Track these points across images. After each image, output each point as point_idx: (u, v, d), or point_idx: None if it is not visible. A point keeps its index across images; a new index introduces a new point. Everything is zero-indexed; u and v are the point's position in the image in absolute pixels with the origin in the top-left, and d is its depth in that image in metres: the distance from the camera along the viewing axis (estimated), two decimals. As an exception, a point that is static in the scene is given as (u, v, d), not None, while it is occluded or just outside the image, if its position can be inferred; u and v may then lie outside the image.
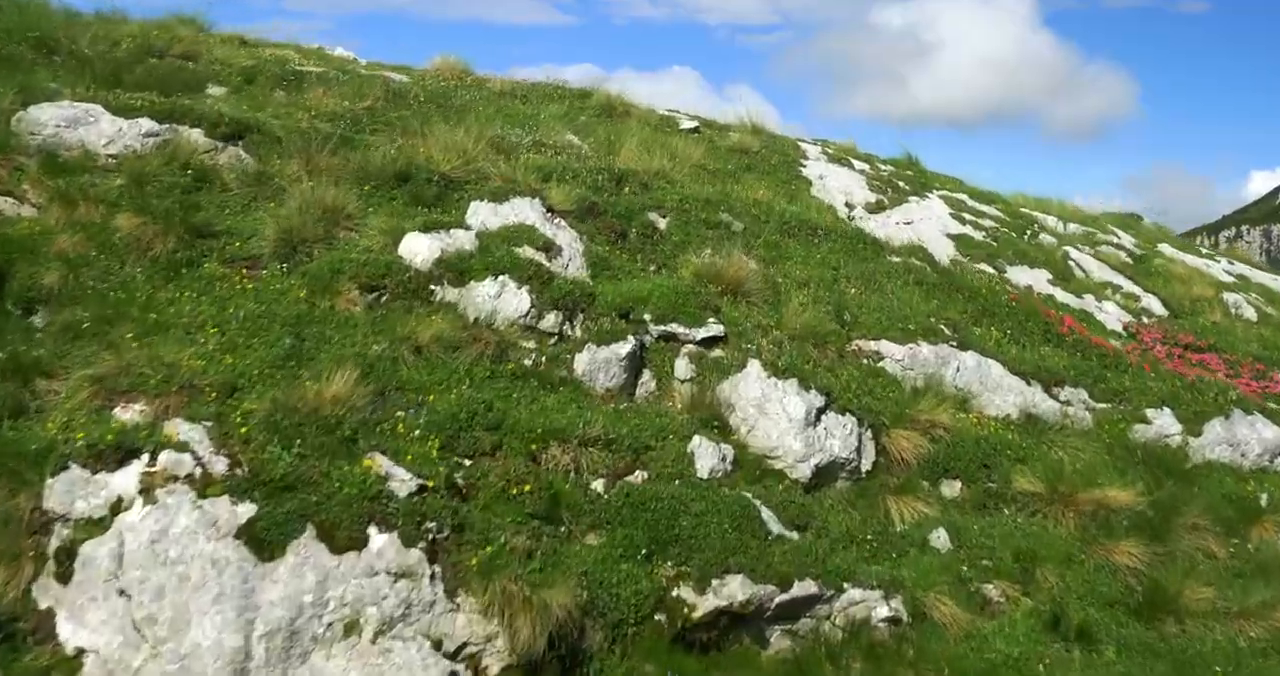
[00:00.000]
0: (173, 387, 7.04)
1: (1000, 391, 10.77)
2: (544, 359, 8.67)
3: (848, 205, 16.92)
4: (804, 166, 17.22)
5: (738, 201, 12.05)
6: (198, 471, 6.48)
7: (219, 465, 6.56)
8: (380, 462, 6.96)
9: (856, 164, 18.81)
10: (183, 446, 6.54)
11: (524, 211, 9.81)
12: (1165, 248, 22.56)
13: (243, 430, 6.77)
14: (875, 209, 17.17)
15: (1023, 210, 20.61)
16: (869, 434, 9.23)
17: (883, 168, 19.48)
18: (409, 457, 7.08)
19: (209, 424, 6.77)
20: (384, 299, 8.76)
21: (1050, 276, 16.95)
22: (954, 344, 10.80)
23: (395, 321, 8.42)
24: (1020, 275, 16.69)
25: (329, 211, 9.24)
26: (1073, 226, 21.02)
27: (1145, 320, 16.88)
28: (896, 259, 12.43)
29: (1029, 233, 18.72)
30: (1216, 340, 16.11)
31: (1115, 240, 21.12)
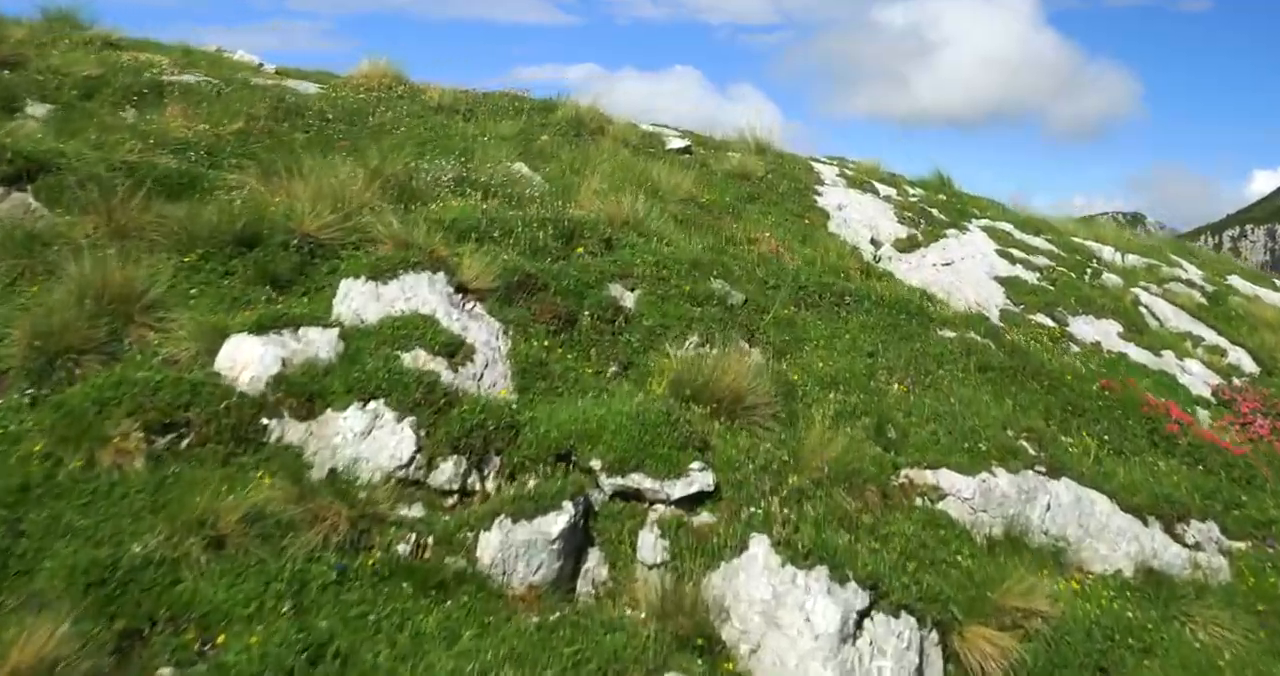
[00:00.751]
0: None
1: (1107, 537, 7.60)
2: (430, 540, 5.52)
3: (874, 243, 13.78)
4: (819, 194, 14.06)
5: (736, 259, 8.88)
6: None
7: None
8: None
9: (881, 188, 15.65)
10: None
11: (420, 293, 6.65)
12: (1236, 280, 19.38)
13: None
14: (907, 247, 14.02)
15: (1074, 239, 17.46)
16: (934, 637, 6.06)
17: (911, 192, 16.33)
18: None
19: None
20: (184, 444, 5.62)
21: (1121, 328, 13.87)
22: (1041, 469, 7.64)
23: (193, 486, 5.28)
24: (1085, 328, 13.60)
25: (118, 300, 6.11)
26: (1132, 258, 17.84)
27: (1236, 381, 13.75)
28: (950, 333, 9.25)
29: (1089, 271, 15.56)
30: (1326, 408, 12.97)
31: (1182, 274, 17.94)
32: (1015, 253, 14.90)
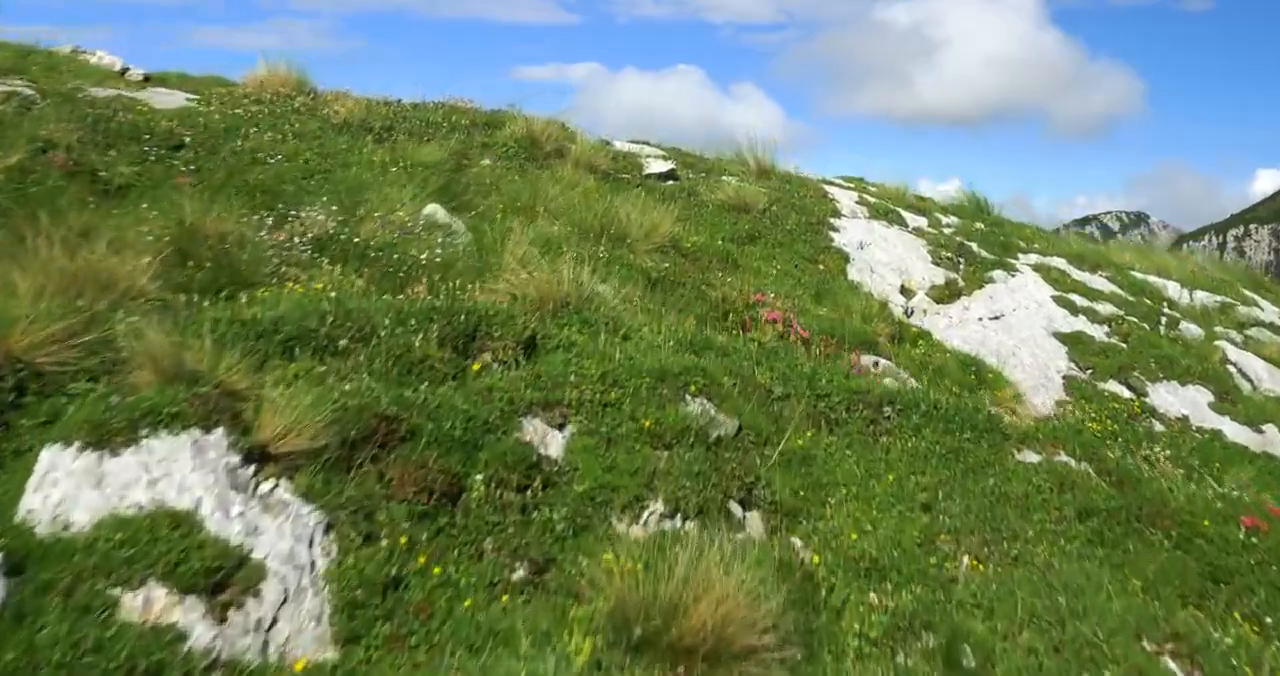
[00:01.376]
0: None
1: None
2: None
3: (904, 291, 11.02)
4: (835, 230, 11.29)
5: (725, 358, 6.09)
6: None
7: None
8: None
9: (909, 217, 12.88)
10: None
11: (179, 469, 3.90)
12: (1317, 319, 16.60)
13: None
14: (946, 296, 11.27)
15: (1135, 274, 14.67)
16: None
17: (944, 220, 13.56)
18: None
19: None
20: None
21: (1211, 396, 11.20)
22: (1200, 708, 4.89)
23: None
24: (1168, 397, 10.92)
25: None
26: (1201, 295, 15.06)
27: (1352, 463, 11.01)
28: (1032, 456, 6.49)
29: (1163, 319, 12.80)
30: None
31: (1262, 315, 15.14)
32: (1076, 299, 12.15)
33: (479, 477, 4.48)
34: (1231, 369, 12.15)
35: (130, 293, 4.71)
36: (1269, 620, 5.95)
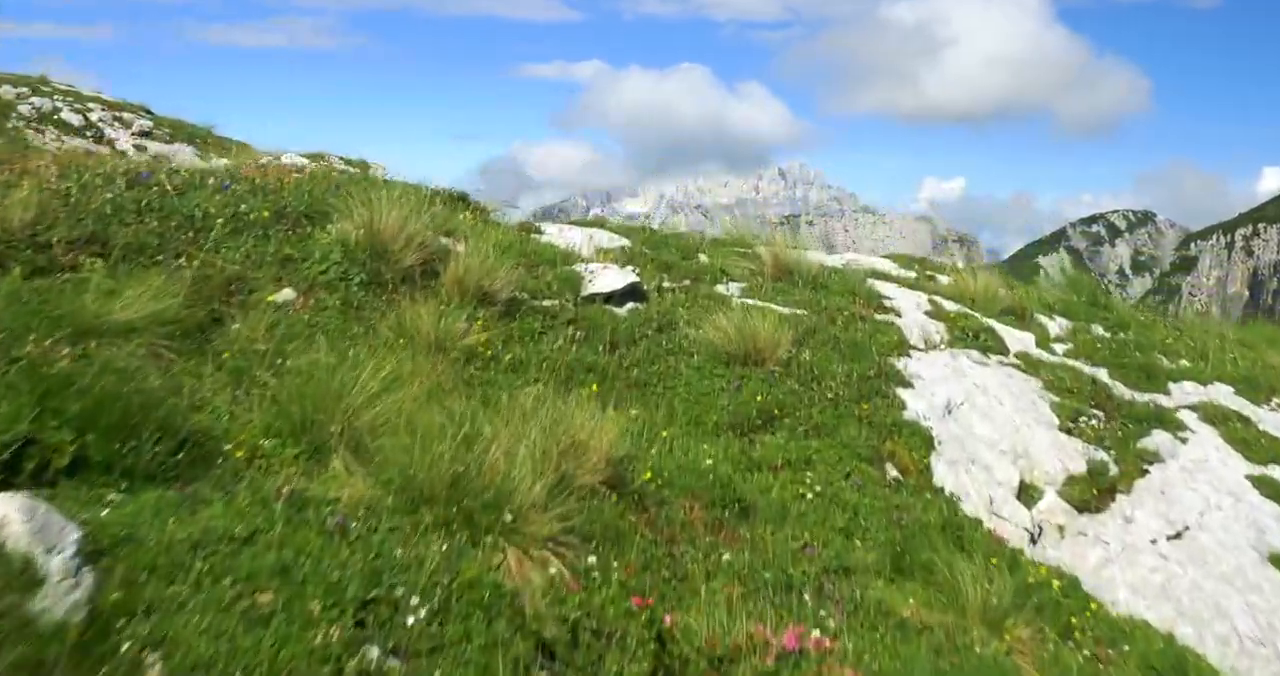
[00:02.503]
0: None
1: None
2: None
3: (1024, 493, 6.49)
4: (905, 384, 6.76)
5: None
6: None
7: None
8: None
9: (1008, 336, 8.32)
10: None
11: None
12: None
13: None
14: (1091, 496, 6.69)
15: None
16: None
17: (1051, 328, 9.00)
18: None
19: None
20: None
21: None
22: None
23: None
24: None
25: None
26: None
27: None
28: None
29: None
30: None
31: None
32: (1281, 477, 7.61)
33: None
34: None
35: None
36: None
